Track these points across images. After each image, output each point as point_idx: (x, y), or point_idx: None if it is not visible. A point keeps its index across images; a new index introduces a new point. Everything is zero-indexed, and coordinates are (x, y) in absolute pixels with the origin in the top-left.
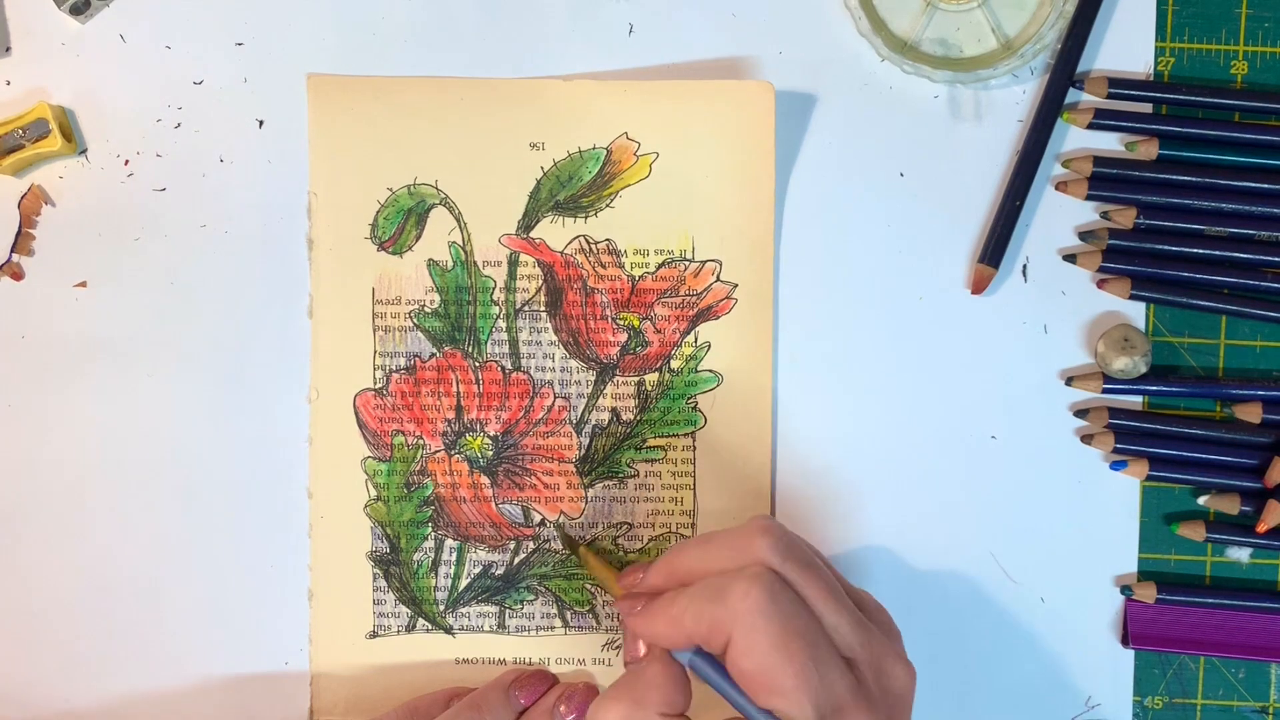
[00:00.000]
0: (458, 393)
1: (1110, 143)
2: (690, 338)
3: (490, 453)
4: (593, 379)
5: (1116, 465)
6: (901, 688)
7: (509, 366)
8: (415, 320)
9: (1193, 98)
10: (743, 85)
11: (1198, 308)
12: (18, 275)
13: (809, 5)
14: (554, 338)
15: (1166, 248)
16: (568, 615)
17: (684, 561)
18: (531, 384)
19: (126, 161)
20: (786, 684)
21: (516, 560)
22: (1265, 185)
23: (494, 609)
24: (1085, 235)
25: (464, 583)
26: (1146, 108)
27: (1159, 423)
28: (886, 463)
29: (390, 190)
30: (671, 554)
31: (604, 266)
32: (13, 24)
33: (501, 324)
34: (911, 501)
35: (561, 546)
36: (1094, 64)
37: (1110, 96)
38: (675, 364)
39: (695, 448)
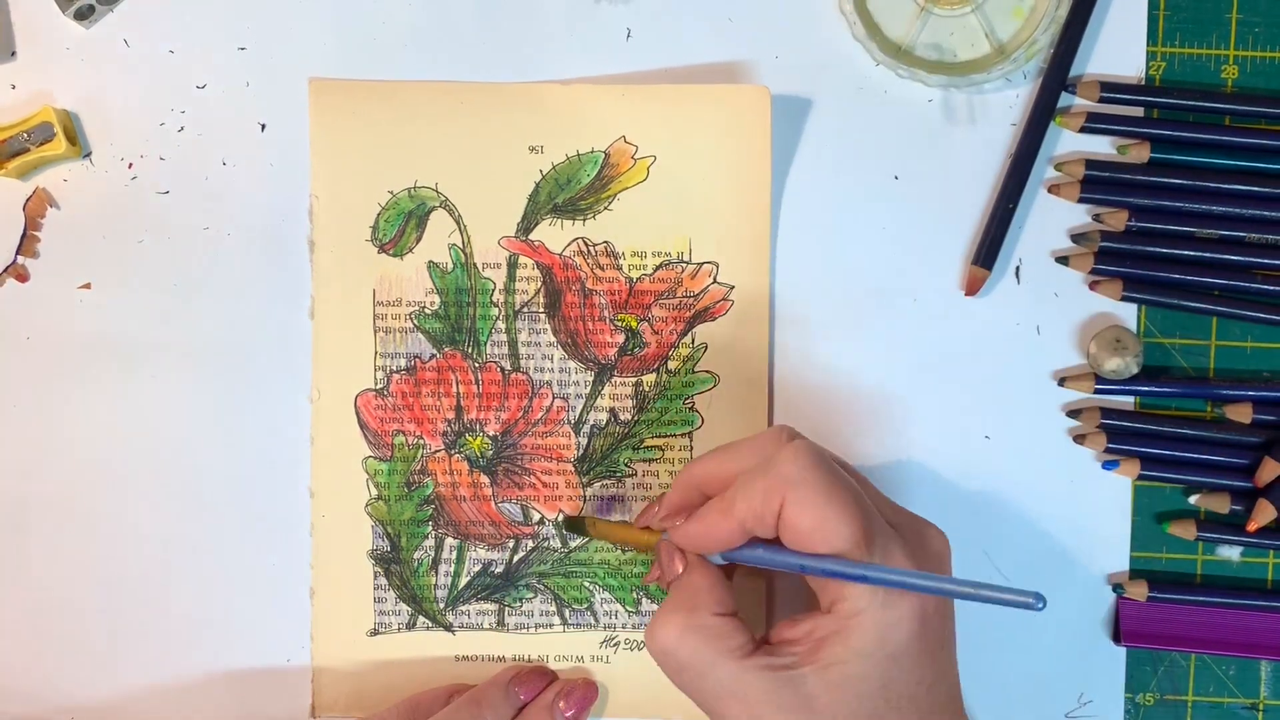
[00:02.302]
0: (458, 393)
1: (1102, 146)
2: (687, 339)
3: (490, 452)
4: (591, 379)
5: (1108, 465)
6: (939, 548)
7: (508, 367)
8: (416, 321)
9: (1184, 101)
10: (739, 89)
11: (1189, 309)
12: (23, 277)
13: (804, 10)
14: (553, 339)
15: (1158, 250)
16: (566, 613)
17: (705, 470)
18: (530, 384)
19: (130, 164)
20: (842, 527)
21: (516, 559)
22: (1256, 188)
23: (493, 607)
24: (1077, 237)
25: (464, 581)
26: (1138, 111)
27: (1150, 423)
28: (881, 462)
29: (391, 193)
30: (688, 470)
31: (602, 268)
32: (18, 29)
33: (501, 325)
34: (906, 500)
35: (569, 534)
36: (1086, 68)
37: (1102, 100)
38: (672, 365)
39: (692, 448)
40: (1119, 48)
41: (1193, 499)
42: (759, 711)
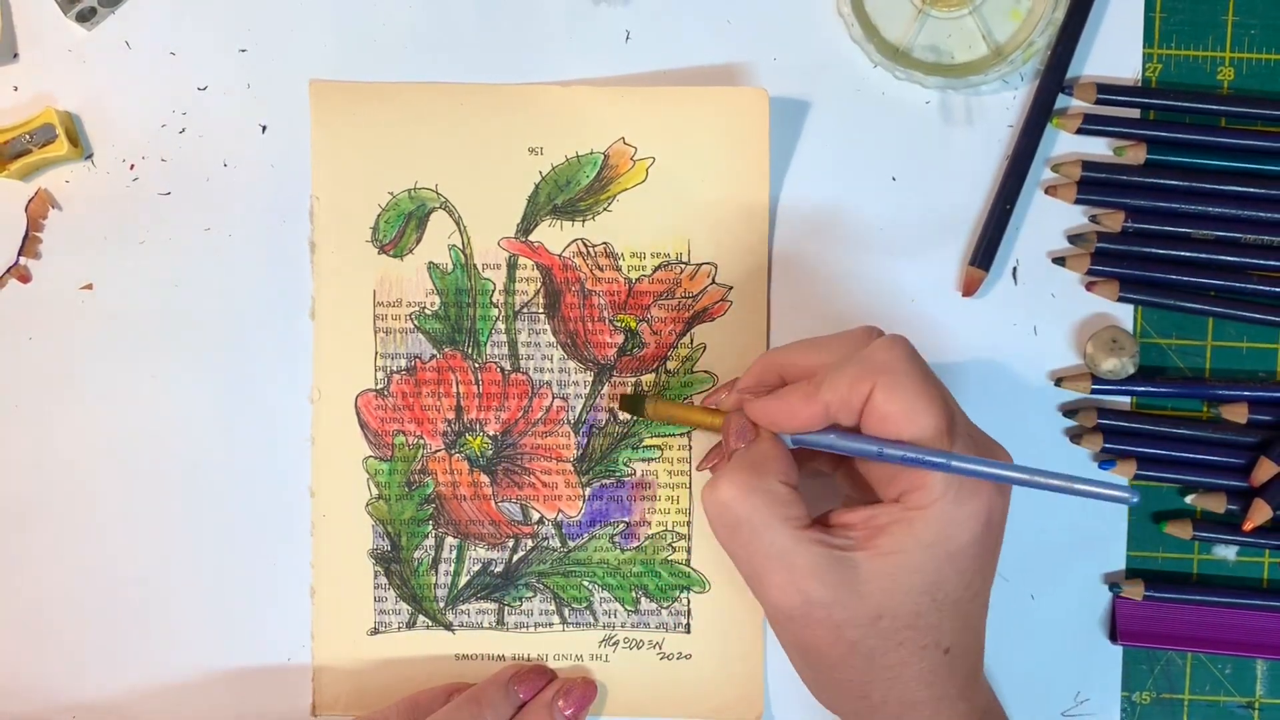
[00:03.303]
0: (458, 393)
1: (1099, 147)
2: (686, 339)
3: (490, 452)
4: (590, 379)
5: (1105, 464)
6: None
7: (508, 367)
8: (416, 322)
9: (1180, 103)
10: (738, 91)
11: (1185, 310)
12: (25, 278)
13: (803, 13)
14: (552, 339)
15: (1154, 251)
16: (565, 612)
17: (788, 357)
18: (530, 384)
19: (132, 166)
20: (929, 416)
21: (515, 558)
22: (1251, 189)
23: (493, 606)
24: (1074, 238)
25: (464, 580)
26: (1134, 113)
27: (1147, 423)
28: None
29: (391, 194)
30: (769, 355)
31: (601, 269)
32: (20, 31)
33: (501, 325)
34: None
35: (624, 413)
36: (1083, 70)
37: (1099, 102)
38: (671, 365)
39: (691, 447)
40: (1116, 50)
41: (1189, 499)
42: (804, 584)
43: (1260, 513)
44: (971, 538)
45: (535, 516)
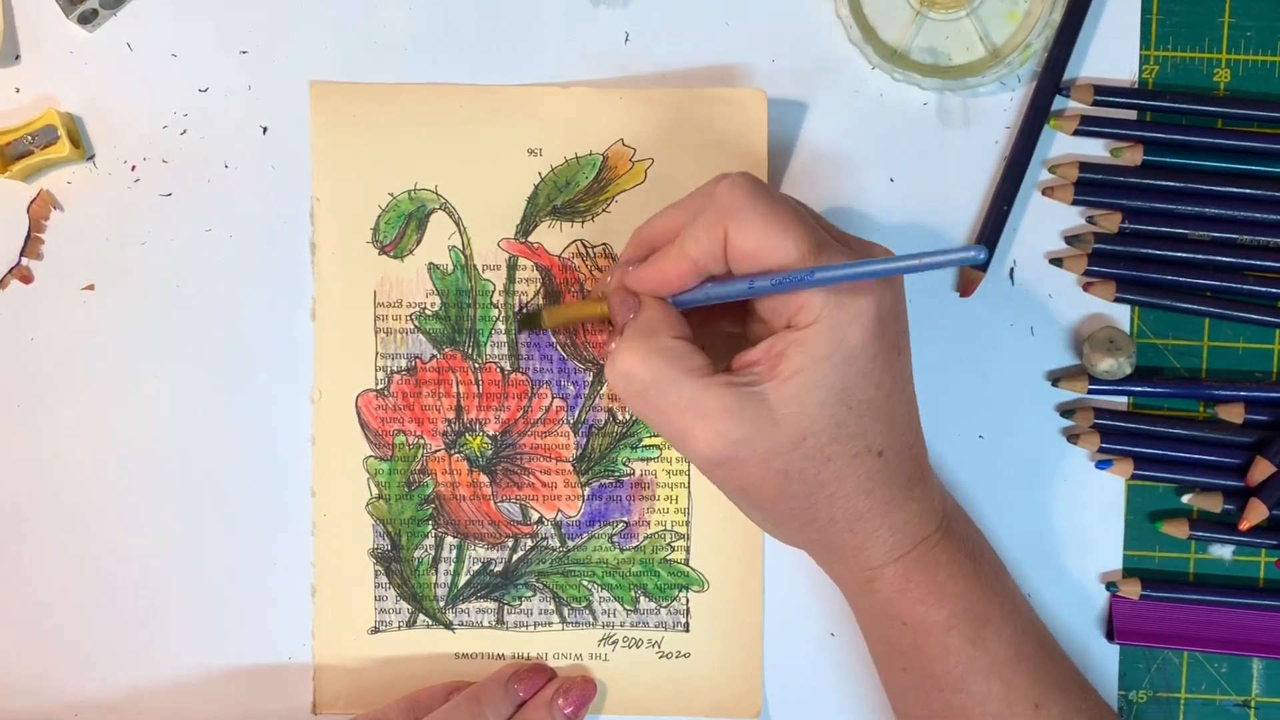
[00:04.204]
0: (457, 393)
1: (1096, 149)
2: None
3: (489, 452)
4: (590, 379)
5: (1102, 464)
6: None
7: (508, 368)
8: (416, 322)
9: (1176, 105)
10: (736, 93)
11: (1181, 310)
12: (27, 278)
13: (801, 15)
14: (552, 339)
15: (1151, 251)
16: (565, 611)
17: (655, 226)
18: (530, 385)
19: (133, 167)
20: (786, 241)
21: (515, 557)
22: (1247, 190)
23: (493, 605)
24: (1071, 239)
25: (463, 579)
26: (1131, 114)
27: (1143, 423)
28: None
29: (391, 195)
30: (639, 230)
31: (601, 270)
32: (22, 33)
33: (501, 326)
34: None
35: (526, 330)
36: (1080, 72)
37: (1096, 103)
38: None
39: None
40: (1112, 51)
41: (1185, 498)
42: (721, 426)
43: (1256, 512)
44: (865, 337)
45: (534, 516)
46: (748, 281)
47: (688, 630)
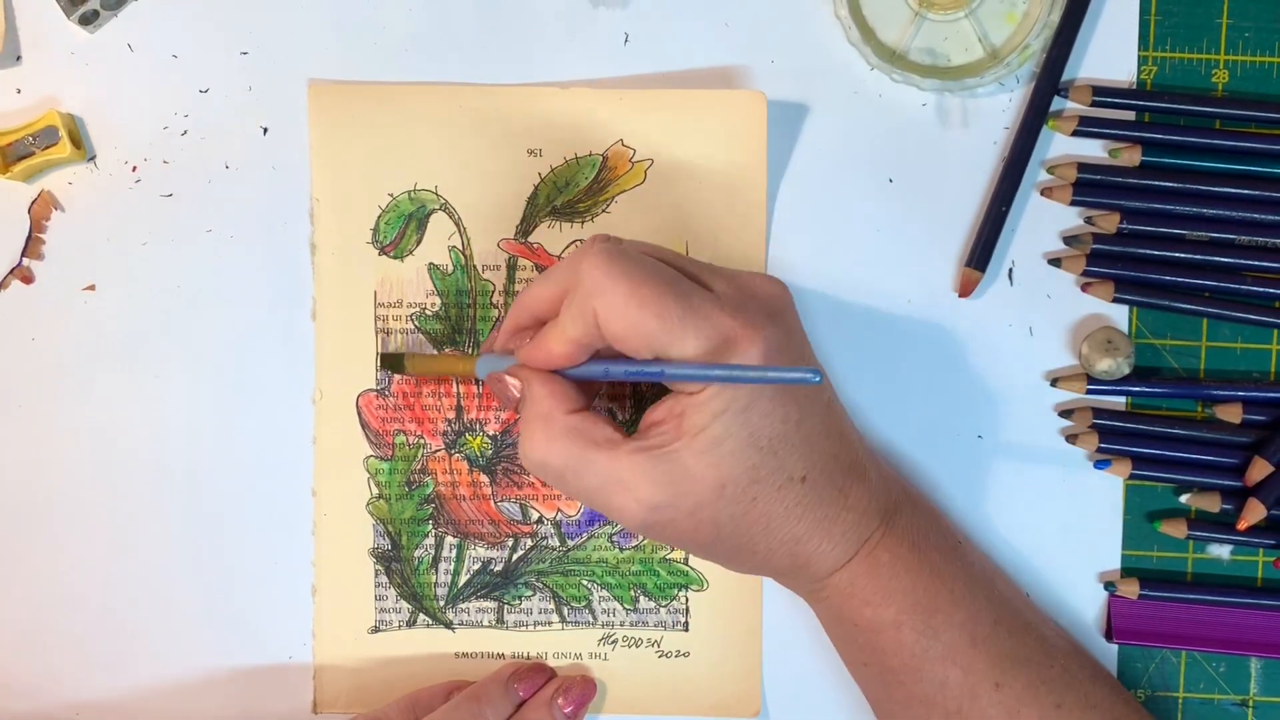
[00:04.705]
0: (458, 393)
1: (1094, 149)
2: None
3: (489, 452)
4: None
5: (1100, 464)
6: (770, 292)
7: None
8: (416, 323)
9: (1175, 105)
10: (735, 94)
11: (1180, 310)
12: (28, 279)
13: (800, 16)
14: None
15: (1149, 252)
16: (564, 611)
17: (532, 296)
18: None
19: (134, 168)
20: (654, 325)
21: (515, 557)
22: (1246, 191)
23: (493, 604)
24: (1070, 240)
25: (463, 579)
26: (1130, 115)
27: (1142, 423)
28: None
29: (391, 195)
30: (518, 300)
31: None
32: (23, 34)
33: None
34: None
35: (388, 371)
36: (1078, 73)
37: (1094, 104)
38: None
39: None
40: (1111, 52)
41: (1184, 498)
42: (642, 495)
43: (1254, 512)
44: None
45: (534, 516)
46: (603, 366)
47: (687, 629)
